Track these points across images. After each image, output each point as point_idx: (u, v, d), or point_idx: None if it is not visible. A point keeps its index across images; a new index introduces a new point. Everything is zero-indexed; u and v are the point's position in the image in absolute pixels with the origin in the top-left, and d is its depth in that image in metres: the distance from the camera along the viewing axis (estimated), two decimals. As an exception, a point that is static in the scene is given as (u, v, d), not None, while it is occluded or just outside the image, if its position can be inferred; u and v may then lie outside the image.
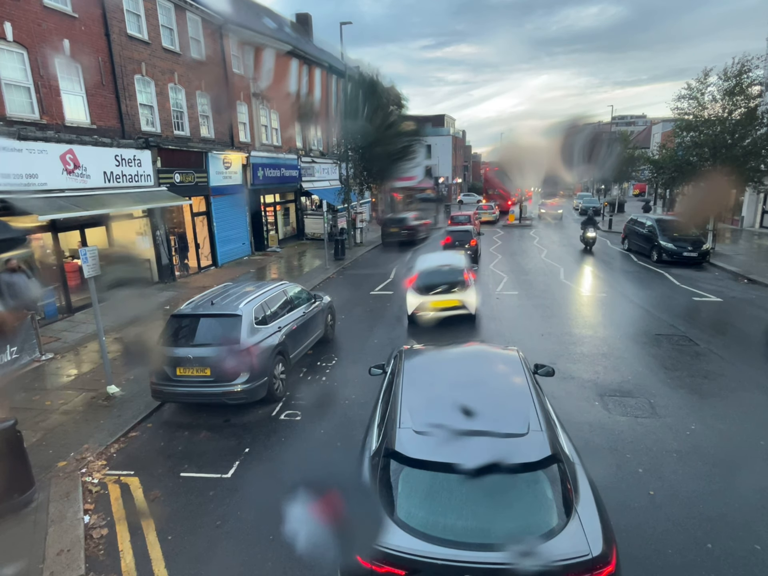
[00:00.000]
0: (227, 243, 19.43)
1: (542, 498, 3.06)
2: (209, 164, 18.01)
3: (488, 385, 4.21)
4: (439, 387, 4.19)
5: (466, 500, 3.10)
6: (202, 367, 6.58)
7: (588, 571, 2.74)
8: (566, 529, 2.91)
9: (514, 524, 2.97)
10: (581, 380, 7.73)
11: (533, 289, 14.06)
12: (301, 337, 8.36)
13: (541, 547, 2.81)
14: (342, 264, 19.42)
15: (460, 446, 3.27)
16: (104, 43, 13.94)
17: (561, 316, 11.32)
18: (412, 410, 3.71)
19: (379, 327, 11.02)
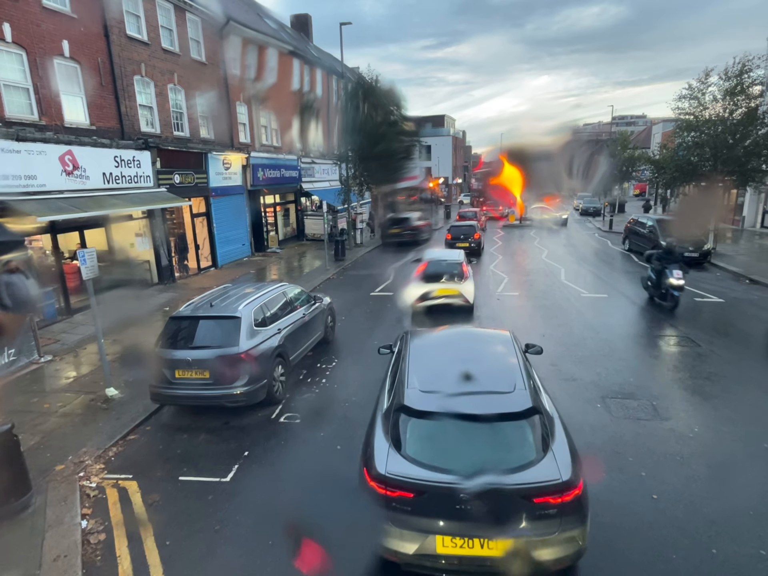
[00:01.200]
0: (227, 244, 19.39)
1: (524, 439, 3.84)
2: (209, 165, 17.97)
3: (483, 356, 4.94)
4: (440, 358, 4.99)
5: (463, 441, 3.84)
6: (201, 370, 6.53)
7: (559, 491, 3.50)
8: (542, 462, 3.67)
9: (501, 458, 3.70)
10: (583, 382, 7.68)
11: (534, 290, 14.00)
12: (300, 339, 8.31)
13: (520, 474, 3.57)
14: (342, 265, 19.37)
15: (458, 401, 3.97)
16: (103, 43, 13.90)
17: (562, 317, 11.26)
18: (418, 375, 4.47)
19: (379, 328, 10.97)
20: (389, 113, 21.93)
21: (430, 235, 27.32)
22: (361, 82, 22.38)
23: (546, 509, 3.50)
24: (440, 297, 11.32)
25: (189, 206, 17.13)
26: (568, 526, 3.53)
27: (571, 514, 3.54)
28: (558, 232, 28.67)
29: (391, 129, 21.59)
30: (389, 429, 4.10)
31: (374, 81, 22.26)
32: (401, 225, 23.79)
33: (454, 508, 3.51)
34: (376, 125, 21.11)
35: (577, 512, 3.58)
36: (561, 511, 3.50)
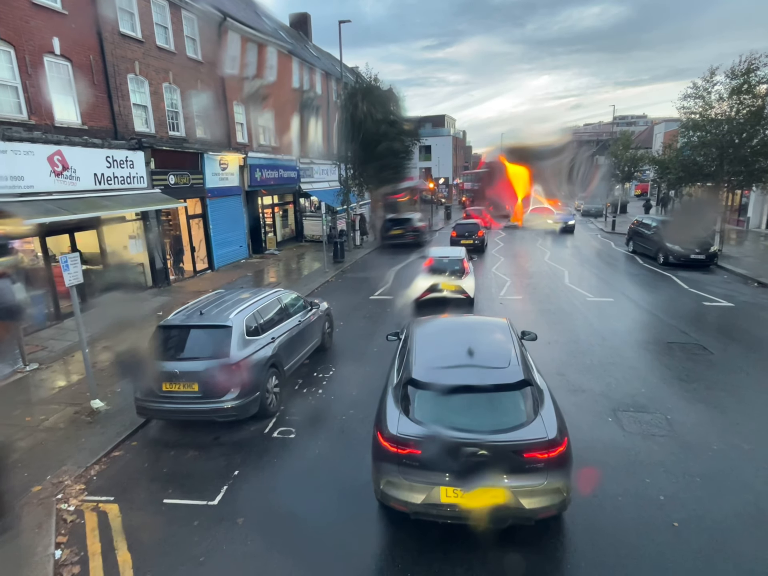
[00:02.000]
0: (224, 246, 19.03)
1: (516, 406, 4.40)
2: (205, 165, 17.61)
3: (482, 339, 5.47)
4: (444, 340, 5.62)
5: (464, 408, 4.39)
6: (190, 383, 6.16)
7: (545, 448, 4.04)
8: (532, 424, 4.23)
9: (497, 420, 4.26)
10: (592, 393, 7.31)
11: (538, 294, 13.64)
12: (296, 348, 7.94)
13: (513, 433, 4.13)
14: (341, 267, 19.01)
15: (460, 374, 4.59)
16: (95, 41, 13.54)
17: (567, 323, 10.89)
18: (423, 354, 5.05)
19: (379, 334, 10.59)
20: (388, 113, 21.54)
21: (431, 237, 26.99)
22: (360, 81, 21.98)
23: (534, 463, 4.06)
24: (442, 291, 12.06)
25: (185, 208, 16.80)
26: (553, 478, 4.08)
27: (556, 468, 4.09)
28: (560, 233, 28.29)
29: (390, 129, 21.21)
30: (399, 399, 4.66)
31: (373, 80, 21.87)
32: (401, 226, 23.42)
33: (456, 463, 4.05)
34: (375, 125, 20.73)
35: (562, 467, 4.14)
36: (547, 465, 4.06)
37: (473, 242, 21.01)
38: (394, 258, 20.67)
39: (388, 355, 8.94)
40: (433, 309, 10.97)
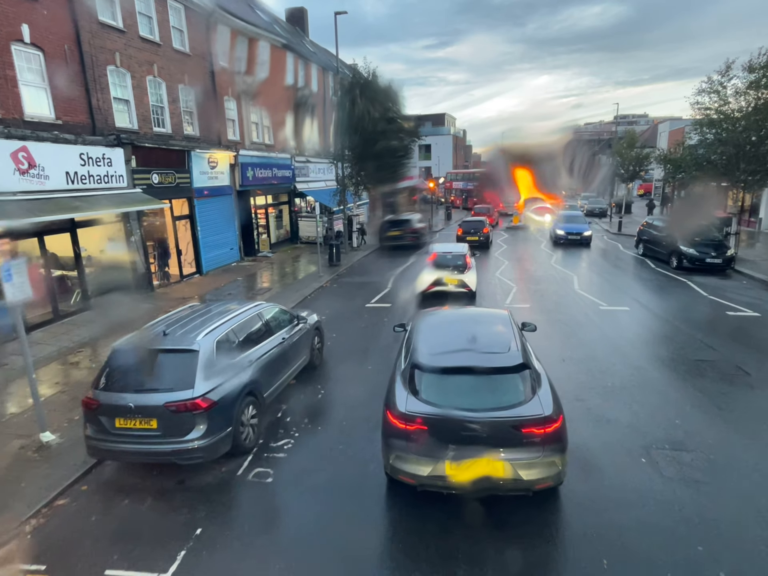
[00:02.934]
0: (213, 248, 18.05)
1: (516, 387, 4.64)
2: (192, 164, 16.64)
3: (484, 328, 5.75)
4: (449, 328, 5.98)
5: (468, 389, 4.65)
6: (147, 418, 5.19)
7: (542, 424, 4.36)
8: (529, 402, 4.52)
9: (498, 399, 4.54)
10: (619, 425, 6.34)
11: (546, 302, 12.67)
12: (279, 370, 6.98)
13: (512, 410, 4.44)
14: (337, 271, 18.04)
15: (463, 358, 4.87)
16: (71, 29, 12.56)
17: (582, 336, 9.93)
18: (429, 340, 5.36)
19: (375, 348, 9.64)
20: (387, 109, 20.55)
21: (431, 238, 26.02)
22: (358, 76, 20.99)
23: (532, 438, 4.34)
24: (446, 285, 12.64)
25: (170, 208, 15.84)
26: (549, 452, 4.37)
27: (551, 443, 4.38)
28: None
29: (388, 126, 20.22)
30: (407, 382, 4.92)
31: (371, 74, 20.88)
32: (400, 227, 22.44)
33: (460, 438, 4.35)
34: (373, 121, 19.74)
35: (557, 442, 4.43)
36: (544, 439, 4.35)
37: (478, 239, 21.62)
38: (393, 261, 19.70)
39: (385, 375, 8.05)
40: (437, 302, 11.26)
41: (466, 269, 12.79)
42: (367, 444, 5.89)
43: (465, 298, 12.50)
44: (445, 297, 12.38)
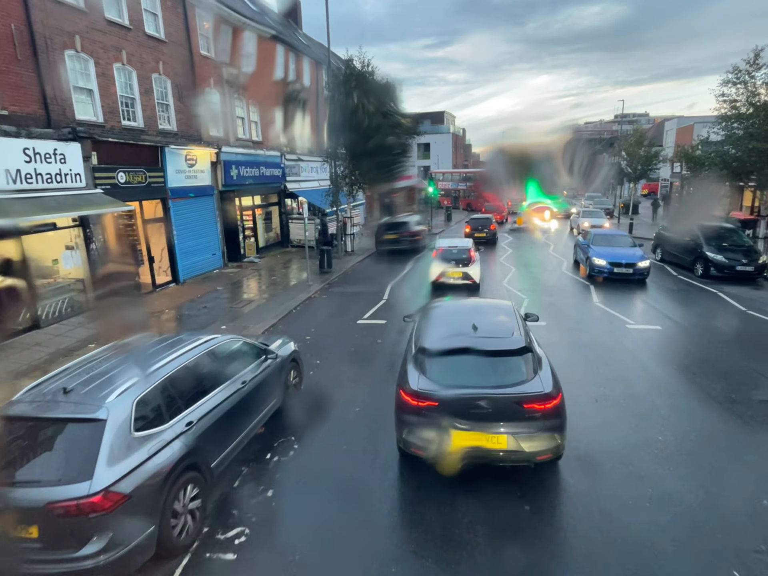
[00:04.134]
0: (192, 254, 16.41)
1: (519, 368, 5.08)
2: (167, 161, 14.99)
3: (489, 316, 6.11)
4: (457, 316, 6.28)
5: (476, 369, 5.06)
6: (24, 525, 3.57)
7: (542, 400, 4.77)
8: (531, 381, 4.95)
9: (502, 379, 4.96)
10: (687, 505, 4.72)
11: (564, 318, 11.06)
12: (236, 426, 5.35)
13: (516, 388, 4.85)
14: (328, 278, 16.42)
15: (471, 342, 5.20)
16: (19, 6, 10.94)
17: (613, 365, 8.32)
18: (439, 327, 5.82)
19: (366, 380, 8.02)
20: (382, 103, 18.91)
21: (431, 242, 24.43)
22: (351, 68, 19.34)
23: (533, 413, 4.74)
24: (451, 277, 13.36)
25: (140, 211, 14.23)
26: (549, 426, 4.77)
27: (551, 418, 4.78)
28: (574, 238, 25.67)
29: (384, 121, 18.57)
30: (419, 364, 5.28)
31: (366, 65, 19.24)
32: (396, 230, 20.81)
33: (467, 413, 4.77)
34: (368, 117, 18.10)
35: (556, 417, 4.82)
36: (544, 415, 4.75)
37: (485, 235, 23.05)
38: (391, 267, 18.09)
39: (375, 421, 6.45)
40: (444, 291, 12.19)
41: (471, 262, 13.64)
42: (358, 530, 4.30)
43: (470, 289, 13.28)
44: (451, 288, 13.10)
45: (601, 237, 16.03)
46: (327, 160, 20.83)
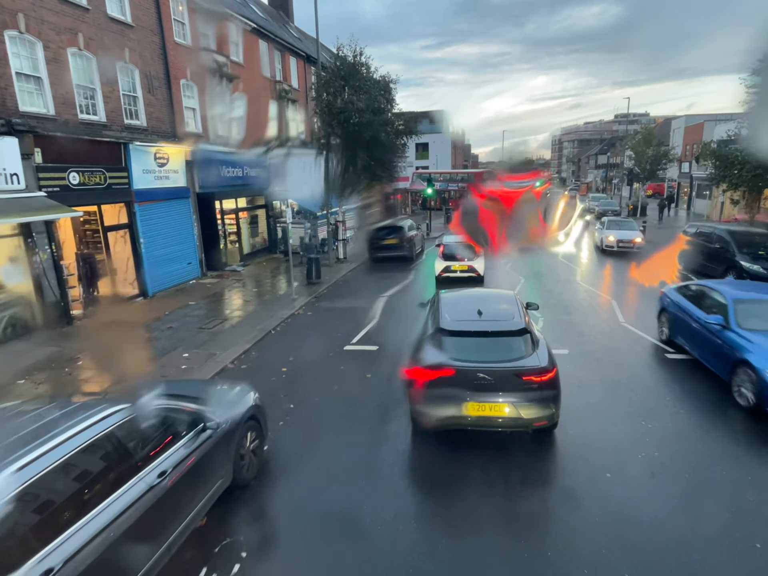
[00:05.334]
0: (163, 264, 14.67)
1: (518, 346, 5.72)
2: (131, 160, 13.27)
3: (493, 303, 6.77)
4: (464, 303, 6.89)
5: (480, 347, 5.75)
6: None
7: (538, 373, 5.39)
8: (529, 357, 5.59)
9: (504, 355, 5.60)
10: None
11: (590, 344, 9.34)
12: (148, 543, 3.62)
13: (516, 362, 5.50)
14: (316, 291, 14.71)
15: (477, 324, 5.98)
16: (-58, -25, 9.23)
17: (660, 412, 6.60)
18: (449, 312, 6.35)
19: (351, 435, 6.32)
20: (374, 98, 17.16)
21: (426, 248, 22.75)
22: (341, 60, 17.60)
23: (531, 384, 5.35)
24: (458, 270, 14.18)
25: (99, 216, 12.52)
26: (544, 396, 5.38)
27: (546, 389, 5.39)
28: (581, 242, 24.00)
29: (375, 118, 16.81)
30: (434, 342, 5.87)
31: (357, 56, 17.50)
32: (391, 236, 19.06)
33: (474, 384, 5.39)
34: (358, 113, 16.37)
35: (551, 388, 5.43)
36: (540, 386, 5.35)
37: None
38: (384, 277, 16.39)
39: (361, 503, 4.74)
40: (451, 283, 12.54)
41: (476, 256, 14.51)
42: None
43: (476, 281, 13.91)
44: (458, 280, 13.68)
45: None
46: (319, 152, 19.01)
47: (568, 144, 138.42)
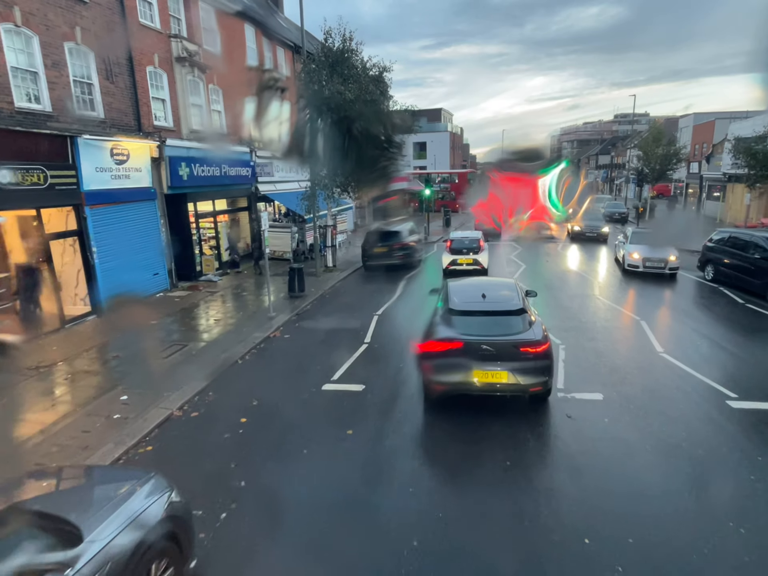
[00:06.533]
0: (122, 276, 12.76)
1: (517, 323, 6.57)
2: (80, 156, 11.39)
3: (495, 289, 7.59)
4: (470, 289, 7.74)
5: (484, 324, 6.55)
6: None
7: (534, 345, 6.24)
8: (526, 332, 6.43)
9: (505, 330, 6.43)
10: None
11: (626, 384, 7.49)
12: None
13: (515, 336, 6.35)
14: (299, 306, 12.86)
15: (482, 305, 6.87)
16: None
17: (761, 511, 4.79)
18: (457, 295, 7.26)
19: (323, 545, 4.48)
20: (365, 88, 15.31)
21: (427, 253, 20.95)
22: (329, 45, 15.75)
23: (527, 354, 6.19)
24: (464, 264, 15.33)
25: (38, 222, 10.64)
26: (539, 366, 6.25)
27: (541, 359, 6.24)
28: (592, 248, 22.18)
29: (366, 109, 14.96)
30: (445, 320, 6.76)
31: (347, 41, 15.64)
32: (387, 242, 17.23)
33: (479, 354, 6.20)
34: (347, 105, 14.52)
35: (545, 358, 6.28)
36: (535, 356, 6.20)
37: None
38: (378, 289, 14.56)
39: None
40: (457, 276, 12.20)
41: (480, 251, 15.65)
42: None
43: (479, 273, 14.55)
44: (464, 274, 13.61)
45: None
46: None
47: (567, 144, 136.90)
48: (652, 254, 14.97)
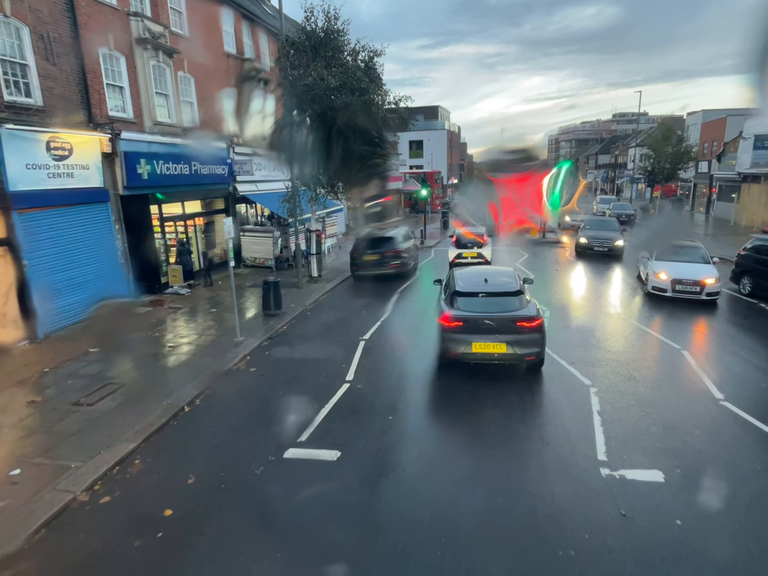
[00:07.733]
0: (67, 292, 10.83)
1: (514, 303, 7.81)
2: (3, 151, 9.44)
3: (496, 276, 8.73)
4: (474, 275, 8.79)
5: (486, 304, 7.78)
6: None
7: (529, 320, 7.48)
8: (522, 309, 7.69)
9: (504, 308, 7.68)
10: None
11: (689, 455, 5.60)
12: None
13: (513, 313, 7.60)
14: (273, 327, 10.95)
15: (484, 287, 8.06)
16: None
17: None
18: (462, 280, 8.43)
19: None
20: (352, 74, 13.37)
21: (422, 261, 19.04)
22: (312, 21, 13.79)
23: (523, 328, 7.41)
24: (468, 257, 16.37)
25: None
26: (533, 338, 7.51)
27: (535, 332, 7.48)
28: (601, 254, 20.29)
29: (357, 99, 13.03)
30: (452, 302, 8.00)
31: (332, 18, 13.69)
32: (379, 249, 15.32)
33: (481, 328, 7.46)
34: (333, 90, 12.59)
35: (538, 332, 7.53)
36: (530, 329, 7.43)
37: None
38: (369, 306, 12.66)
39: None
40: None
41: (484, 245, 16.71)
42: None
43: None
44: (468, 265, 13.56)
45: None
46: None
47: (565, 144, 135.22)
48: (685, 275, 12.00)
